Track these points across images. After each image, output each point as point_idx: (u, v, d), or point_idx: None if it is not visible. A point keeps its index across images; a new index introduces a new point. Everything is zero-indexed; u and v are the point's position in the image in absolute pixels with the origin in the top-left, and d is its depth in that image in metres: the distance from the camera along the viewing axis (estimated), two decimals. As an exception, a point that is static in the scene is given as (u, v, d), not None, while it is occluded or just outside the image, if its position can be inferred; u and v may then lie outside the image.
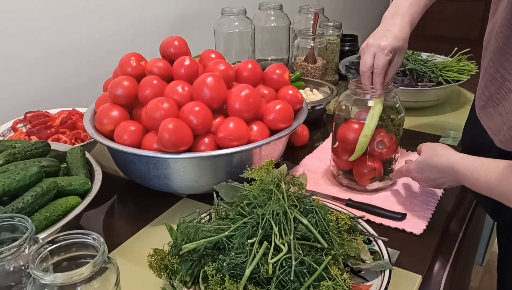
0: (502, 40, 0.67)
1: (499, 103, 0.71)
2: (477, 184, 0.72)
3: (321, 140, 1.20)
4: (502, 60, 0.69)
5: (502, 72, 0.69)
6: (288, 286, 0.60)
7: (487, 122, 0.75)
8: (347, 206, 0.92)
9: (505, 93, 0.69)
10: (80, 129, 1.11)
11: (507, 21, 0.65)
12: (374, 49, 0.89)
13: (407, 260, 0.78)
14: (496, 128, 0.72)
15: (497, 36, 0.68)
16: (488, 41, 0.75)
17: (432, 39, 3.22)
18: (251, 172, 0.74)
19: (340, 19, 1.61)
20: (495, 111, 0.72)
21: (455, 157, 0.78)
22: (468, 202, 0.98)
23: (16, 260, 0.57)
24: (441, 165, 0.80)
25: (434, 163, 0.82)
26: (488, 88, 0.74)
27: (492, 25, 0.74)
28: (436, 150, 0.83)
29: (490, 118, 0.74)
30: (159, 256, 0.67)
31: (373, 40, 0.90)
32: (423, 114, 1.34)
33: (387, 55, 0.88)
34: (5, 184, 0.73)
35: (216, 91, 0.90)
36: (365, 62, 0.90)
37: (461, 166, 0.76)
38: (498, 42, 0.68)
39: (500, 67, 0.69)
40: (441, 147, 0.83)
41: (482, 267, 2.11)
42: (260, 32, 1.60)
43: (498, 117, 0.71)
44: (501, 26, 0.67)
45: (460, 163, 0.76)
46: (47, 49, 1.21)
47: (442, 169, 0.80)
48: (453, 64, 1.42)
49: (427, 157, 0.84)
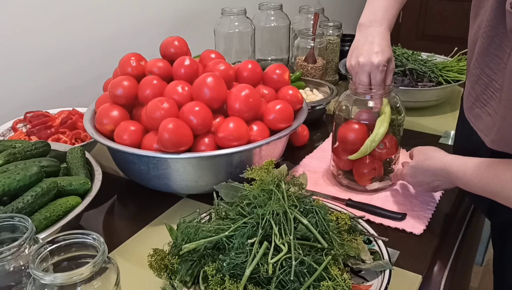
0: (486, 40, 0.68)
1: (486, 103, 0.71)
2: (471, 184, 0.72)
3: (321, 140, 1.20)
4: (487, 60, 0.69)
5: (488, 72, 0.69)
6: (288, 286, 0.60)
7: (476, 123, 0.75)
8: (347, 206, 0.92)
9: (491, 93, 0.70)
10: (80, 129, 1.11)
11: (491, 22, 0.65)
12: (368, 68, 0.87)
13: (407, 260, 0.78)
14: (486, 129, 0.72)
15: (482, 36, 0.69)
16: (473, 42, 0.75)
17: (432, 39, 3.22)
18: (251, 172, 0.74)
19: (340, 19, 1.61)
20: (483, 111, 0.73)
21: (447, 159, 0.78)
22: (468, 202, 0.98)
23: (16, 260, 0.57)
24: (434, 168, 0.80)
25: (426, 167, 0.82)
26: (474, 89, 0.74)
27: (476, 27, 0.74)
28: (428, 154, 0.83)
29: (479, 119, 0.74)
30: (159, 256, 0.67)
31: (364, 59, 0.87)
32: (423, 114, 1.34)
33: (382, 72, 0.87)
34: (5, 184, 0.73)
35: (216, 91, 0.90)
36: (362, 82, 0.89)
37: (453, 167, 0.76)
38: (483, 43, 0.68)
39: (486, 67, 0.70)
40: (432, 150, 0.83)
41: (482, 267, 2.11)
42: (260, 32, 1.60)
43: (487, 117, 0.71)
44: (486, 26, 0.67)
45: (452, 164, 0.76)
46: (47, 49, 1.21)
47: (435, 171, 0.81)
48: (453, 64, 1.42)
49: (419, 161, 0.84)
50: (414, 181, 0.87)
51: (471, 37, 0.78)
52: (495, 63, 0.68)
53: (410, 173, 0.87)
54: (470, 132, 0.78)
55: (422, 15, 3.32)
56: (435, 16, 3.28)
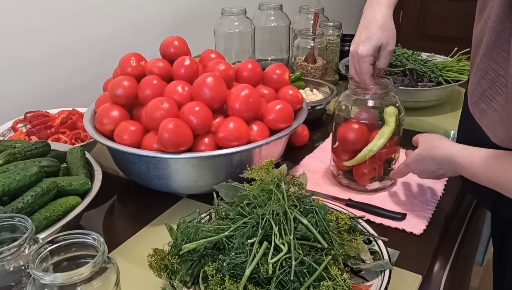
0: (494, 35, 0.67)
1: (493, 98, 0.71)
2: (476, 175, 0.72)
3: (321, 140, 1.20)
4: (494, 55, 0.69)
5: (495, 68, 0.69)
6: (288, 286, 0.60)
7: (481, 119, 0.75)
8: (347, 206, 0.92)
9: (498, 88, 0.69)
10: (80, 129, 1.11)
11: (499, 16, 0.65)
12: (356, 57, 0.91)
13: (407, 260, 0.78)
14: (493, 125, 0.71)
15: (489, 31, 0.68)
16: (479, 37, 0.75)
17: (432, 39, 3.22)
18: (251, 172, 0.74)
19: (340, 19, 1.61)
20: (489, 107, 0.72)
21: (453, 149, 0.78)
22: (468, 202, 0.98)
23: (16, 260, 0.57)
24: (440, 157, 0.80)
25: (432, 155, 0.82)
26: (480, 84, 0.74)
27: (484, 21, 0.73)
28: (434, 142, 0.83)
29: (484, 114, 0.74)
30: (159, 256, 0.67)
31: (351, 49, 0.92)
32: (423, 114, 1.34)
33: (367, 62, 0.90)
34: (5, 184, 0.73)
35: (216, 91, 0.90)
36: (351, 70, 0.95)
37: (459, 157, 0.76)
38: (491, 38, 0.68)
39: (493, 62, 0.69)
40: (438, 138, 0.83)
41: (482, 267, 2.11)
42: (260, 32, 1.60)
43: (493, 113, 0.71)
44: (494, 21, 0.66)
45: (459, 154, 0.76)
46: (47, 49, 1.21)
47: (441, 161, 0.80)
48: (453, 64, 1.42)
49: (425, 150, 0.84)
50: (420, 170, 0.87)
51: (477, 31, 0.77)
52: (502, 58, 0.67)
53: (415, 161, 0.86)
54: (474, 127, 0.77)
55: (422, 15, 3.31)
56: (435, 16, 3.28)
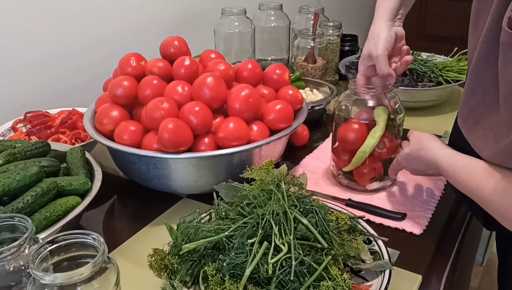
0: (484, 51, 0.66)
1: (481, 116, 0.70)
2: (458, 185, 0.73)
3: (321, 140, 1.20)
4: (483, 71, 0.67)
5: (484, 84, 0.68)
6: (288, 286, 0.60)
7: (469, 136, 0.74)
8: (347, 206, 0.92)
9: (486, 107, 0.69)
10: (80, 129, 1.11)
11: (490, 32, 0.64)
12: None
13: (407, 260, 0.78)
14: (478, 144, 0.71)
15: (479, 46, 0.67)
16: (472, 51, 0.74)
17: (432, 39, 3.22)
18: (251, 172, 0.74)
19: (340, 19, 1.61)
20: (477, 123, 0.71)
21: (440, 153, 0.78)
22: (468, 202, 0.98)
23: (16, 260, 0.57)
24: (427, 159, 0.81)
25: (420, 156, 0.83)
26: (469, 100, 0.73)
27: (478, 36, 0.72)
28: (423, 143, 0.83)
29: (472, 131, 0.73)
30: (159, 256, 0.67)
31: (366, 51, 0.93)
32: (423, 114, 1.34)
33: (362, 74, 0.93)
34: (5, 184, 0.73)
35: (216, 91, 0.90)
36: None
37: (444, 164, 0.76)
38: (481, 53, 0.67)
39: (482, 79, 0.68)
40: (428, 139, 0.83)
41: (482, 267, 2.11)
42: (260, 32, 1.60)
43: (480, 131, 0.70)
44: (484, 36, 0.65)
45: (444, 161, 0.76)
46: (47, 49, 1.21)
47: (428, 163, 0.81)
48: (453, 64, 1.42)
49: (414, 150, 0.84)
50: (409, 168, 0.89)
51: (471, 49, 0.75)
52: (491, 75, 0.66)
53: (405, 160, 0.87)
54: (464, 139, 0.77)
55: (422, 15, 3.31)
56: (435, 16, 3.28)
